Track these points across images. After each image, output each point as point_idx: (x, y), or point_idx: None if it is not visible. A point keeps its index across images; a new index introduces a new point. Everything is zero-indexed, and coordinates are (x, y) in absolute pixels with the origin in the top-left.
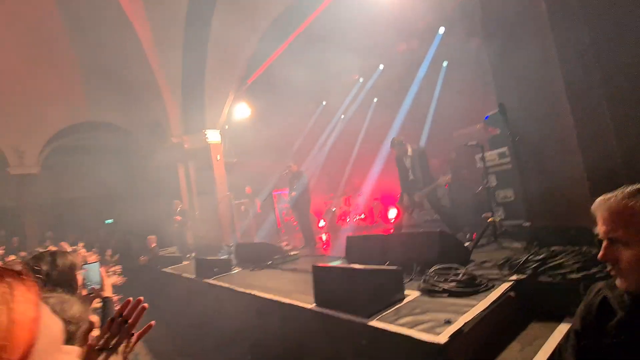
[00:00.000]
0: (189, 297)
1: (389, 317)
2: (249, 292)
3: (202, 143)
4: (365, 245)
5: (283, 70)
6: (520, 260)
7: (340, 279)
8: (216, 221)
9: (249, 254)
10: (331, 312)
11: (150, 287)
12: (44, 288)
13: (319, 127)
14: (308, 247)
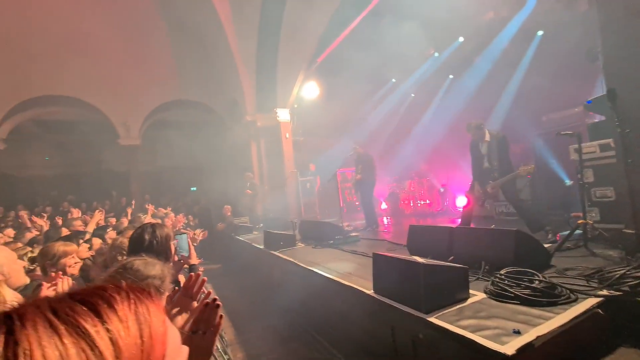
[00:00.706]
0: (257, 264)
1: (450, 316)
2: (311, 269)
3: (273, 121)
4: (429, 236)
5: (353, 47)
6: (615, 274)
7: (401, 270)
8: (283, 197)
9: (312, 231)
10: (389, 302)
11: (226, 251)
12: (144, 254)
13: (388, 106)
14: (369, 229)
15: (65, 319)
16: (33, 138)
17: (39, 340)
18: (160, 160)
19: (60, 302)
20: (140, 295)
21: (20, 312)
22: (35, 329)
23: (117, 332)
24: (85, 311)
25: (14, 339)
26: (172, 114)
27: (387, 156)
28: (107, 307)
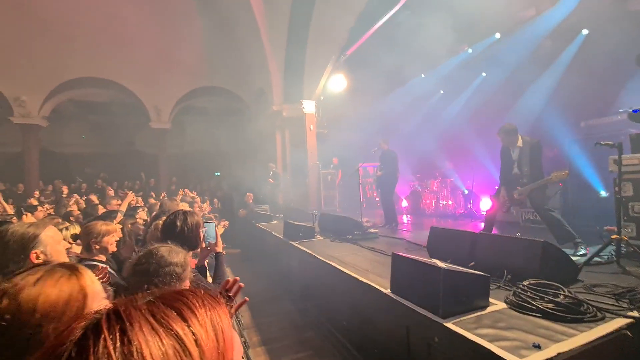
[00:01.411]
0: (276, 252)
1: (467, 323)
2: (328, 263)
3: (299, 112)
4: (450, 240)
5: (383, 41)
6: None
7: (420, 273)
8: (304, 188)
9: (331, 224)
10: (406, 302)
11: (246, 237)
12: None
13: (415, 103)
14: (388, 226)
15: (161, 322)
16: (71, 117)
17: (146, 341)
18: (187, 145)
19: (155, 306)
20: (213, 302)
21: (127, 314)
22: (142, 330)
23: (199, 335)
24: (175, 315)
25: (128, 338)
26: (200, 101)
27: (412, 153)
28: (189, 312)
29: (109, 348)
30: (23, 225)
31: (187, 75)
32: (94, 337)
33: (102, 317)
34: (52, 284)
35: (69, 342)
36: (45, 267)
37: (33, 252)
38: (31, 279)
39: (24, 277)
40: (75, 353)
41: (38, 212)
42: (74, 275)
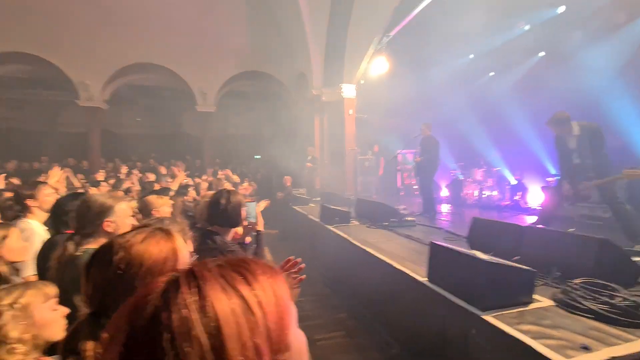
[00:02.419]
0: (312, 235)
1: (508, 318)
2: (364, 248)
3: (338, 97)
4: (494, 232)
5: (428, 20)
6: None
7: (460, 264)
8: (342, 173)
9: (367, 210)
10: (443, 292)
11: (283, 219)
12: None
13: (462, 86)
14: (426, 215)
15: (229, 283)
16: (127, 101)
17: (217, 298)
18: (229, 128)
19: (224, 270)
20: (272, 272)
21: (201, 274)
22: (214, 289)
23: (262, 298)
24: (240, 279)
25: (202, 294)
26: (243, 85)
27: (455, 140)
28: (252, 278)
29: (187, 300)
30: (103, 196)
31: (232, 59)
32: (174, 291)
33: (180, 275)
34: (154, 243)
35: (155, 293)
36: (147, 229)
37: (106, 220)
38: (139, 237)
39: (133, 236)
40: (160, 302)
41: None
42: (169, 238)
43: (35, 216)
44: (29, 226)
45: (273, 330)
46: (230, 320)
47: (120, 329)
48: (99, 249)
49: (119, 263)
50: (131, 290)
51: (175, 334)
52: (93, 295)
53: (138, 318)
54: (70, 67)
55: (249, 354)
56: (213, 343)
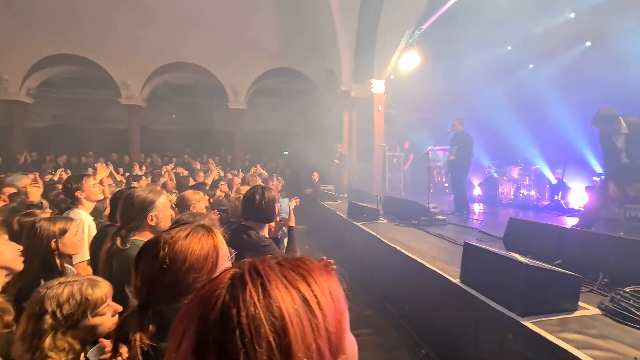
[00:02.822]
0: (339, 231)
1: (549, 325)
2: (393, 246)
3: (367, 92)
4: (533, 234)
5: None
6: None
7: (497, 266)
8: (370, 170)
9: (396, 208)
10: (477, 295)
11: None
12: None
13: (498, 79)
14: (458, 214)
15: (292, 283)
16: (164, 99)
17: (282, 297)
18: (259, 124)
19: (284, 268)
20: (327, 272)
21: (265, 271)
22: (278, 288)
23: (321, 299)
24: (300, 279)
25: (267, 292)
26: (272, 82)
27: (489, 136)
28: (311, 278)
29: (254, 298)
30: (145, 191)
31: (262, 57)
32: (241, 287)
33: (244, 271)
34: (196, 240)
35: (221, 288)
36: (190, 225)
37: (150, 214)
38: (182, 234)
39: (177, 232)
40: (228, 298)
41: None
42: (210, 235)
43: (84, 207)
44: (79, 216)
45: (332, 333)
46: (295, 321)
47: (192, 322)
48: (146, 243)
49: (164, 258)
50: (175, 284)
51: (245, 331)
52: (141, 288)
53: (208, 312)
54: (113, 68)
55: (312, 355)
56: (280, 343)
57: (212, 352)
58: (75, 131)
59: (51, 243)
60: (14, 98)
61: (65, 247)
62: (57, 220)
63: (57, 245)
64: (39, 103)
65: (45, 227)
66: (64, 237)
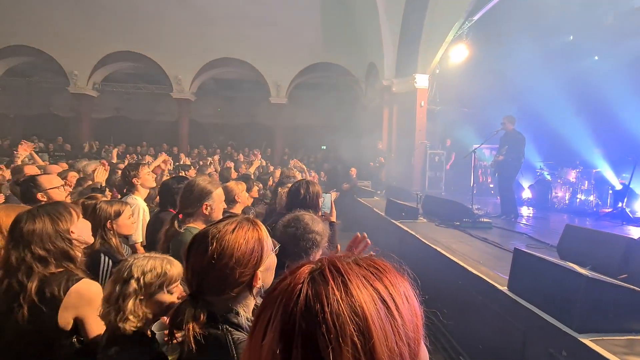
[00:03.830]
0: (375, 228)
1: (613, 345)
2: (433, 247)
3: (410, 87)
4: (593, 243)
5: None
6: None
7: (553, 276)
8: (410, 167)
9: (437, 208)
10: (528, 305)
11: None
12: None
13: (557, 73)
14: (504, 217)
15: (371, 283)
16: (211, 93)
17: (363, 297)
18: (298, 118)
19: (362, 269)
20: (402, 275)
21: (344, 269)
22: (358, 287)
23: (398, 302)
24: (377, 281)
25: (349, 291)
26: (313, 77)
27: (542, 134)
28: (387, 280)
29: (337, 295)
30: (205, 181)
31: (304, 52)
32: (323, 283)
33: (324, 267)
34: (242, 235)
35: (302, 282)
36: (236, 219)
37: (205, 203)
38: (230, 228)
39: (225, 226)
40: (311, 292)
41: (191, 171)
42: (255, 229)
43: (139, 193)
44: (135, 202)
45: (412, 339)
46: (378, 323)
47: (277, 313)
48: (196, 236)
49: (213, 254)
50: (223, 278)
51: (330, 327)
52: (191, 279)
53: (293, 304)
54: (166, 63)
55: (396, 359)
56: (365, 344)
57: (300, 342)
58: (132, 122)
59: (107, 223)
60: (82, 92)
61: (119, 228)
62: (114, 203)
63: (112, 226)
64: (102, 96)
65: (104, 208)
66: (118, 219)
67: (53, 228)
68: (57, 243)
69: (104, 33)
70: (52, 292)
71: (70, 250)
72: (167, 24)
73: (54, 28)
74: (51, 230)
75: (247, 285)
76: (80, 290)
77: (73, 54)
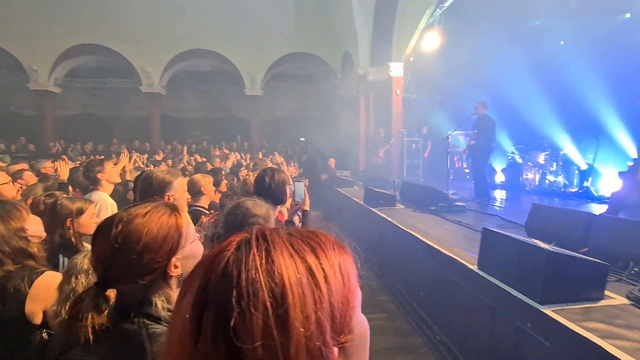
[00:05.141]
0: (355, 217)
1: (571, 314)
2: (410, 232)
3: (385, 76)
4: (558, 220)
5: None
6: None
7: (517, 252)
8: (387, 155)
9: (413, 194)
10: (495, 281)
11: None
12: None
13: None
14: (478, 200)
15: (298, 252)
16: (183, 86)
17: (285, 265)
18: (276, 110)
19: (293, 238)
20: (341, 249)
21: (272, 238)
22: (282, 255)
23: (329, 273)
24: (309, 250)
25: (271, 258)
26: (289, 67)
27: (514, 120)
28: (321, 251)
29: (257, 262)
30: (163, 172)
31: (278, 42)
32: (246, 251)
33: (252, 236)
34: (155, 220)
35: (227, 250)
36: (153, 203)
37: (167, 194)
38: (142, 212)
39: (138, 209)
40: (232, 259)
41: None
42: (173, 215)
43: (105, 189)
44: (101, 197)
45: (337, 310)
46: (296, 290)
47: (195, 280)
48: (103, 221)
49: (116, 237)
50: (129, 265)
51: (243, 293)
52: (96, 266)
53: (211, 272)
54: (133, 56)
55: (311, 327)
56: (277, 309)
57: (211, 309)
58: (100, 119)
59: (67, 221)
60: (44, 88)
61: (80, 227)
62: (77, 201)
63: (72, 224)
64: (66, 92)
65: (65, 205)
66: (80, 217)
67: (5, 228)
68: (12, 243)
69: (64, 25)
70: (15, 286)
71: (28, 248)
72: (133, 15)
73: (9, 21)
74: (4, 230)
75: (161, 273)
76: (45, 281)
77: (31, 48)
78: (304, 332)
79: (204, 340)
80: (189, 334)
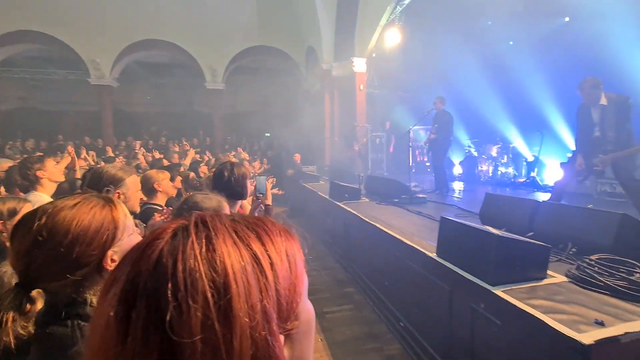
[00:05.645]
0: (321, 212)
1: (519, 293)
2: (373, 224)
3: (349, 71)
4: (507, 208)
5: None
6: None
7: (471, 239)
8: (352, 150)
9: (377, 187)
10: (452, 267)
11: (293, 196)
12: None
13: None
14: (438, 192)
15: (242, 239)
16: (138, 79)
17: (228, 252)
18: (239, 105)
19: (238, 225)
20: (288, 235)
21: (213, 224)
22: (225, 242)
23: (275, 260)
24: (254, 237)
25: (212, 246)
26: (252, 61)
27: (469, 115)
28: (267, 237)
29: (196, 251)
30: (115, 168)
31: (240, 34)
32: (183, 239)
33: (190, 223)
34: (86, 211)
35: (162, 238)
36: (84, 195)
37: (117, 191)
38: (70, 203)
39: (64, 201)
40: (167, 248)
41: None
42: (107, 206)
43: (45, 189)
44: (40, 199)
45: (283, 297)
46: (240, 279)
47: (123, 273)
48: (24, 215)
49: (40, 231)
50: (55, 260)
51: (179, 284)
52: (16, 264)
53: (142, 263)
54: (80, 45)
55: (256, 316)
56: (219, 300)
57: (141, 303)
58: (44, 114)
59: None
60: None
61: None
62: (8, 201)
63: (5, 227)
64: (1, 84)
65: None
66: (13, 219)
67: None
68: None
69: None
70: None
71: None
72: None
73: None
74: None
75: (95, 268)
76: None
77: None
78: (248, 323)
79: (134, 338)
80: (115, 332)
